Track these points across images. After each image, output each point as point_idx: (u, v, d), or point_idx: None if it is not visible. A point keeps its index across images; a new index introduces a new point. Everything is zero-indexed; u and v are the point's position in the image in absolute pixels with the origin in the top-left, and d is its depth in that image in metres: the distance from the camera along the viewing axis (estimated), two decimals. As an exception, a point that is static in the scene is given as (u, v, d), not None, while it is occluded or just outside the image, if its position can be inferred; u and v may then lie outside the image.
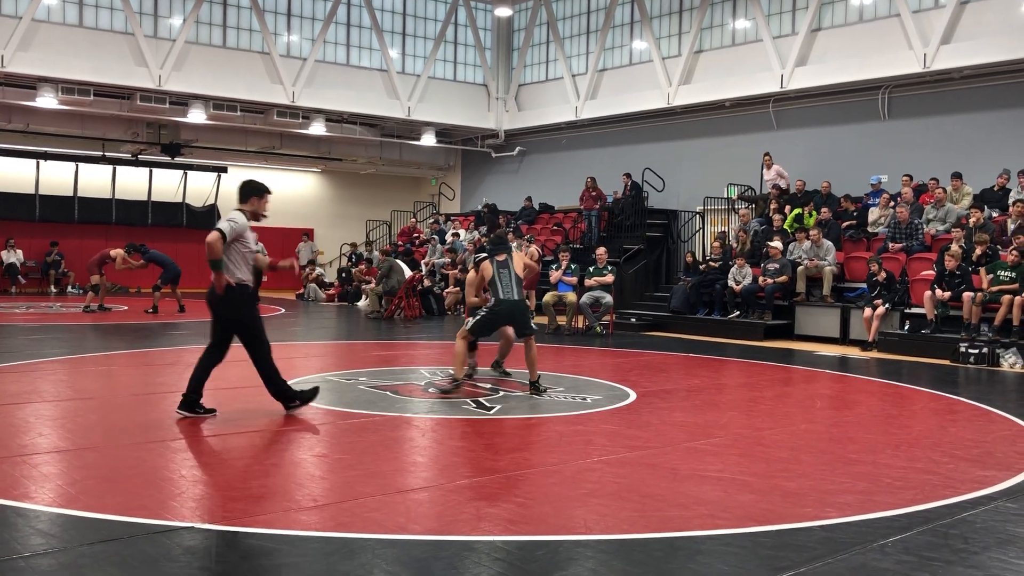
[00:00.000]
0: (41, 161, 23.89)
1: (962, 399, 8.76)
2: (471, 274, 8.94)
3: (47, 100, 20.31)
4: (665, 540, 4.04)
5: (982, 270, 12.66)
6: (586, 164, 23.18)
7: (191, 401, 6.64)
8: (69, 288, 23.00)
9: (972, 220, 13.79)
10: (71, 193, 24.32)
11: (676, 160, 21.35)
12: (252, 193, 6.81)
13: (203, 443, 5.89)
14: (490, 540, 3.97)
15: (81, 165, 24.22)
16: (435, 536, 4.02)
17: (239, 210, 6.75)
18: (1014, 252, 12.36)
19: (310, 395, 7.05)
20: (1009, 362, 11.49)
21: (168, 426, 6.39)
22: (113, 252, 17.54)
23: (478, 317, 8.27)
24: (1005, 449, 6.29)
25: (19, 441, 5.73)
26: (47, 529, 4.01)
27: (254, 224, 6.77)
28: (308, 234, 26.25)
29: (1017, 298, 11.90)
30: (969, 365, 11.68)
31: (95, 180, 24.56)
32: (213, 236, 6.39)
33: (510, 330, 8.70)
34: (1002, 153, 15.61)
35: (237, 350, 6.76)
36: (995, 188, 15.01)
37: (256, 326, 6.78)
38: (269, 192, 6.91)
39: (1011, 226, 13.55)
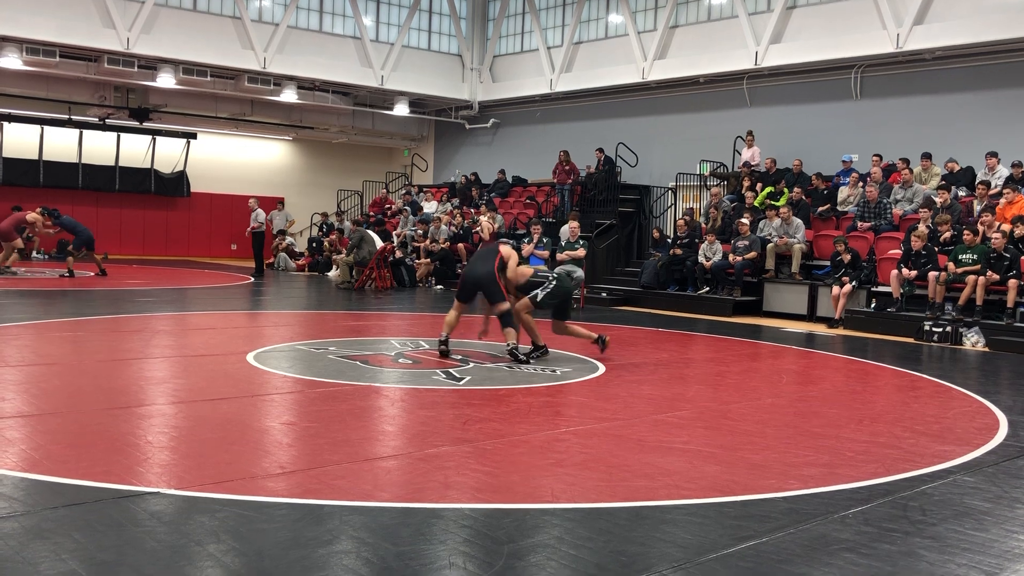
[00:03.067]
0: (4, 123, 23.41)
1: (925, 376, 8.91)
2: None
3: (11, 60, 19.85)
4: (631, 509, 4.09)
5: (946, 256, 12.81)
6: (560, 138, 23.12)
7: None
8: (34, 253, 22.66)
9: (939, 201, 13.96)
10: (36, 156, 23.88)
11: (649, 135, 21.36)
12: None
13: (170, 409, 5.85)
14: (457, 508, 3.99)
15: (47, 128, 23.77)
16: (402, 503, 4.03)
17: None
18: (967, 232, 12.51)
19: None
20: (971, 341, 11.69)
21: (134, 392, 6.34)
22: (30, 216, 17.37)
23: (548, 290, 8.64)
24: (964, 425, 6.42)
25: (-19, 405, 5.65)
26: (11, 493, 3.97)
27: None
28: (282, 202, 25.81)
29: (980, 278, 12.08)
30: (932, 343, 11.87)
31: (61, 144, 24.12)
32: None
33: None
34: (971, 134, 15.78)
35: (203, 318, 6.70)
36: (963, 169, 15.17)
37: None
38: None
39: (977, 207, 13.73)
